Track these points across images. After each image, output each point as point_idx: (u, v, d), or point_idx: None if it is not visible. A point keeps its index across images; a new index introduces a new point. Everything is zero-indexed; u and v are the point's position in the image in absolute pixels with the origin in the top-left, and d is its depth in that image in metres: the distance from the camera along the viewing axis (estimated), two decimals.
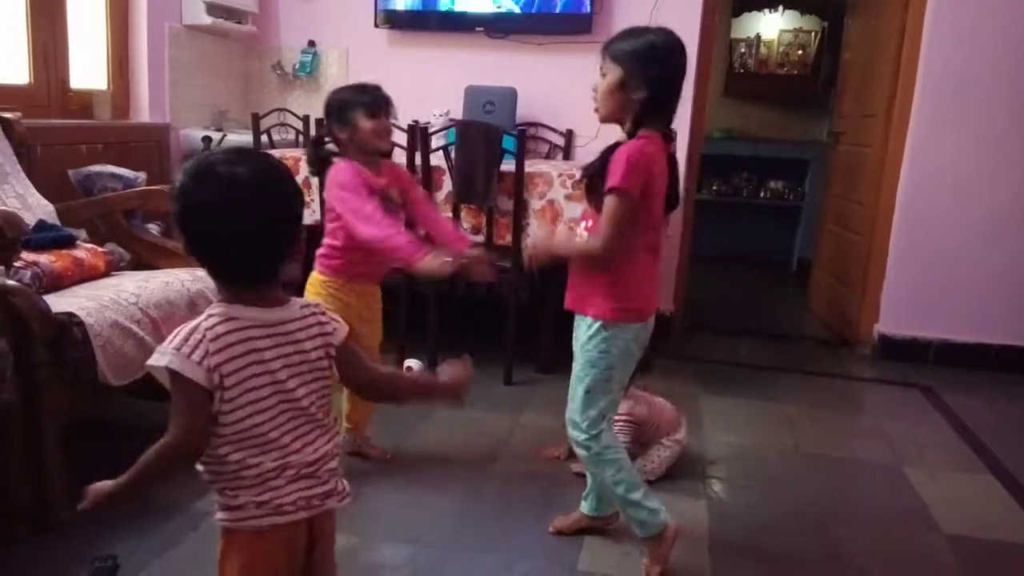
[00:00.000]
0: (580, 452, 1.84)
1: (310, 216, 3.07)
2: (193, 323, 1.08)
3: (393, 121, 2.15)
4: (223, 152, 1.12)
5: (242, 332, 1.09)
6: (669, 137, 1.75)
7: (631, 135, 1.69)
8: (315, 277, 2.18)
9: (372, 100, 2.08)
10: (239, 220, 1.07)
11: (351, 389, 1.37)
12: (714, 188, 6.06)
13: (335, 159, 2.12)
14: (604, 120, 1.74)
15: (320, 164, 2.15)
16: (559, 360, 3.15)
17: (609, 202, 1.65)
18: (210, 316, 1.09)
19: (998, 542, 2.11)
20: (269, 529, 1.12)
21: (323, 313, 1.19)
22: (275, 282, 1.15)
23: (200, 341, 1.06)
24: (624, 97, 1.66)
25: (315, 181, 3.00)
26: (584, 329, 1.78)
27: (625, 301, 1.74)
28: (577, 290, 1.80)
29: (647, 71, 1.64)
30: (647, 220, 1.71)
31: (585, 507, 1.99)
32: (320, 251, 2.17)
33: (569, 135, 3.70)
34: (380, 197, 2.08)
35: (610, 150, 1.69)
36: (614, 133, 1.74)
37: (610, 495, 1.85)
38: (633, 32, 1.70)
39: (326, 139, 2.16)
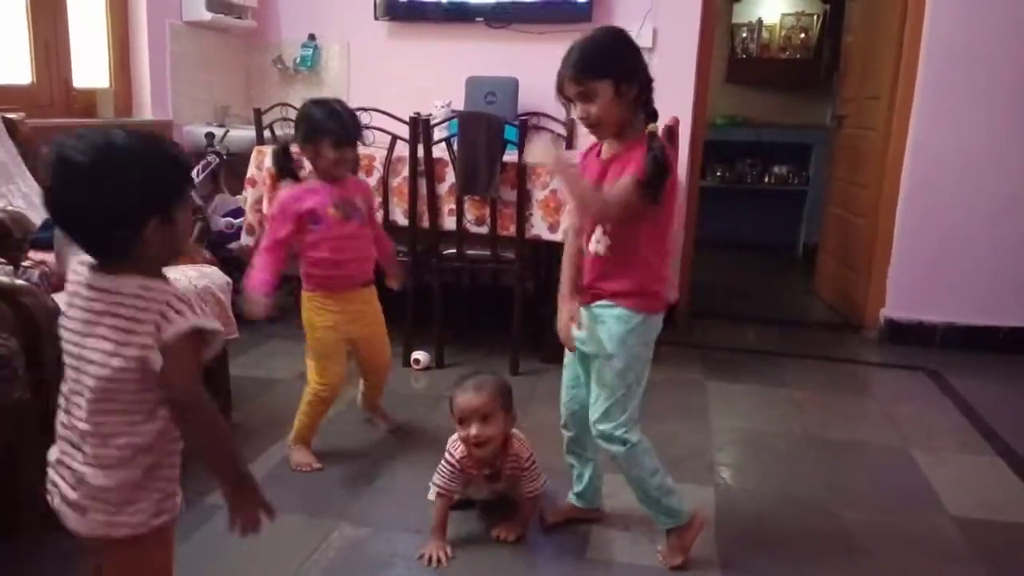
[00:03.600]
0: (614, 449, 1.77)
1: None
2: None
3: (361, 145, 2.30)
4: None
5: None
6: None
7: (647, 128, 1.66)
8: (303, 295, 2.26)
9: (340, 131, 2.13)
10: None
11: None
12: (718, 174, 6.03)
13: (288, 181, 2.24)
14: (614, 135, 1.70)
15: (282, 174, 2.25)
16: (564, 350, 3.17)
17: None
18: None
19: (1006, 524, 2.11)
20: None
21: (164, 309, 1.06)
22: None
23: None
24: (623, 102, 1.64)
25: None
26: (616, 324, 1.72)
27: (656, 287, 1.74)
28: (611, 278, 1.73)
29: (628, 64, 1.64)
30: (672, 208, 1.72)
31: (574, 497, 2.00)
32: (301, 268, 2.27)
33: (572, 124, 3.70)
34: (341, 205, 2.18)
35: (658, 148, 1.61)
36: None
37: (644, 487, 1.80)
38: (587, 44, 1.65)
39: (291, 147, 2.27)
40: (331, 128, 2.12)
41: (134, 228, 1.07)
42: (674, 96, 3.42)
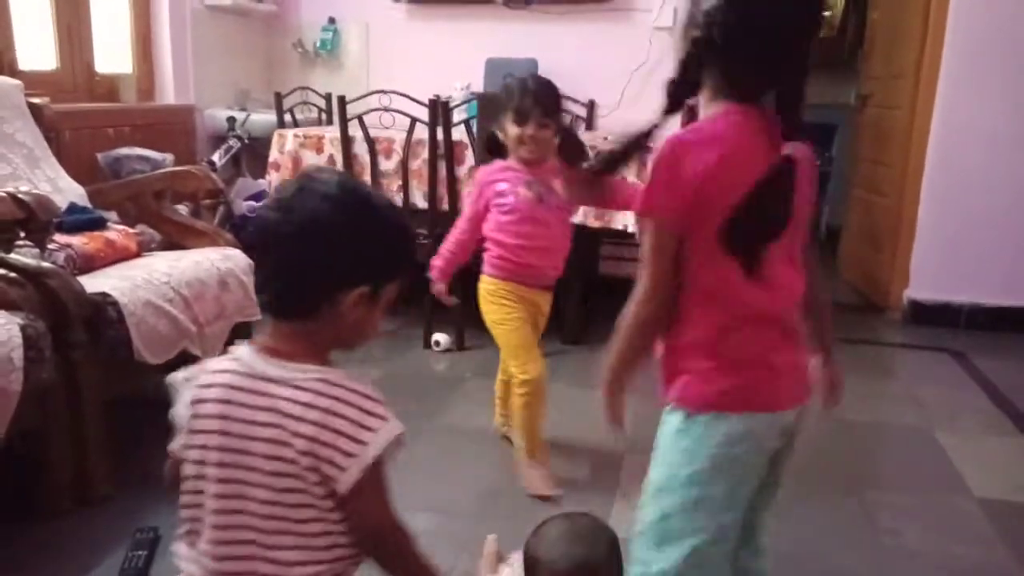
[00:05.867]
0: None
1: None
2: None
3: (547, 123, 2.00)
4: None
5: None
6: (792, 127, 1.09)
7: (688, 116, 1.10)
8: (482, 281, 2.12)
9: (519, 106, 1.99)
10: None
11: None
12: None
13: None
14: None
15: (491, 154, 2.15)
16: (586, 331, 3.17)
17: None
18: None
19: None
20: None
21: (345, 426, 0.90)
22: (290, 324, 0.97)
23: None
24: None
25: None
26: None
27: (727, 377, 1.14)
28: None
29: None
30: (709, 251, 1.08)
31: None
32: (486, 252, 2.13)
33: (591, 105, 3.66)
34: (535, 185, 2.03)
35: (645, 136, 1.13)
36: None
37: None
38: None
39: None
40: (512, 104, 1.99)
41: (341, 288, 0.94)
42: None
